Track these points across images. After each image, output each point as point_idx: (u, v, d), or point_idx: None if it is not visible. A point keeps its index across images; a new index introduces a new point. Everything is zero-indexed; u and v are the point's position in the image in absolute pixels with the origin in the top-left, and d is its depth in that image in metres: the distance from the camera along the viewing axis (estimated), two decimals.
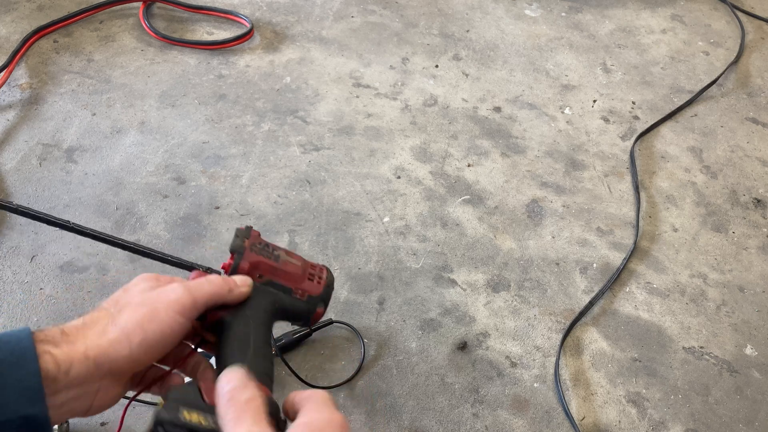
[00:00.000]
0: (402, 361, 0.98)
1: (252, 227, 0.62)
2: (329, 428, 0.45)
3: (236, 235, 0.61)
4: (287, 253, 0.62)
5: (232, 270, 0.59)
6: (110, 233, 0.59)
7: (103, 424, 0.88)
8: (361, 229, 1.16)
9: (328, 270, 0.64)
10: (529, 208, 1.24)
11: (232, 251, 0.59)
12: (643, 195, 1.29)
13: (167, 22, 1.55)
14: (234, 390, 0.46)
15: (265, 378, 0.52)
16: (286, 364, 0.93)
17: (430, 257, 1.13)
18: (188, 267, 0.62)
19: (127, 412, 0.89)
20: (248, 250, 0.59)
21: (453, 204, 1.23)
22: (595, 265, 1.16)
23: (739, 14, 1.80)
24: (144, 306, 0.50)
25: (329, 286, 0.63)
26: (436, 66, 1.53)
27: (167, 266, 0.69)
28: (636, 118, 1.46)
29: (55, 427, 0.82)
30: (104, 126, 1.29)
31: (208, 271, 0.62)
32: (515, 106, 1.45)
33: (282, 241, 1.12)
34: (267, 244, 0.61)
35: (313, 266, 0.63)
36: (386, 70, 1.50)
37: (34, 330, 0.46)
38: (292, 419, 0.47)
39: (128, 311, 0.50)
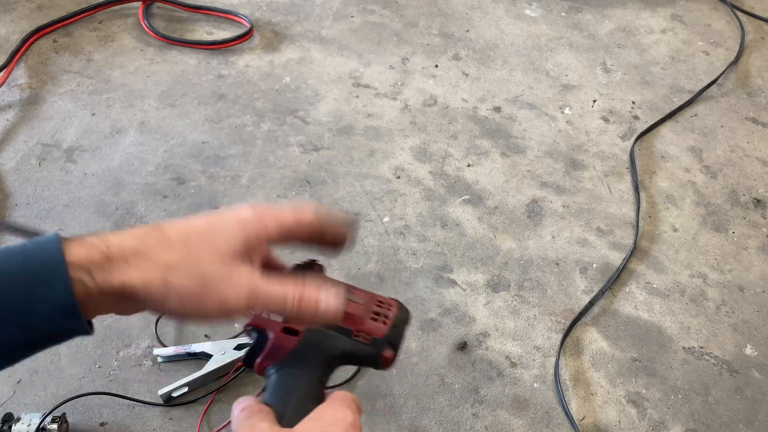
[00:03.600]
0: (402, 362, 0.98)
1: (316, 261, 0.56)
2: (337, 426, 0.45)
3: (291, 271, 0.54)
4: (349, 289, 0.55)
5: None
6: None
7: (102, 424, 0.88)
8: (361, 229, 1.16)
9: (399, 306, 0.56)
10: (529, 208, 1.24)
11: None
12: (643, 195, 1.29)
13: (167, 22, 1.55)
14: (246, 406, 0.47)
15: None
16: None
17: (430, 257, 1.12)
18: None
19: (128, 413, 0.89)
20: None
21: (453, 204, 1.23)
22: (595, 265, 1.16)
23: (739, 14, 1.80)
24: (197, 279, 0.43)
25: (397, 326, 0.54)
26: (436, 66, 1.53)
27: None
28: (636, 118, 1.46)
29: (54, 426, 0.82)
30: (104, 126, 1.29)
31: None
32: (515, 106, 1.45)
33: None
34: (327, 280, 0.55)
35: (380, 303, 0.55)
36: (386, 70, 1.50)
37: (66, 239, 0.41)
38: None
39: (177, 270, 0.43)
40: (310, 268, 0.55)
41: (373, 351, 0.53)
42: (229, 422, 0.49)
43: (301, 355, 0.51)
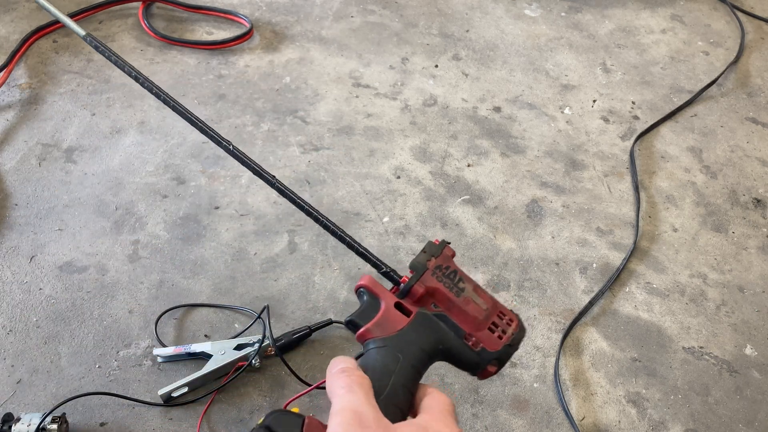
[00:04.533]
0: None
1: (448, 243, 0.54)
2: None
3: (423, 250, 0.53)
4: (475, 289, 0.53)
5: (403, 291, 0.51)
6: (110, 233, 0.55)
7: (102, 424, 0.88)
8: (361, 229, 1.16)
9: (519, 324, 0.53)
10: (528, 208, 1.24)
11: (411, 268, 0.51)
12: (642, 195, 1.29)
13: (167, 22, 1.55)
14: (347, 368, 0.44)
15: None
16: (286, 364, 0.92)
17: None
18: (374, 264, 0.54)
19: (128, 413, 0.89)
20: (429, 272, 0.51)
21: (453, 204, 1.23)
22: (594, 265, 1.15)
23: (739, 14, 1.80)
24: None
25: (511, 346, 0.52)
26: (436, 66, 1.53)
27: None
28: (636, 118, 1.46)
29: (54, 426, 0.82)
30: (104, 126, 1.29)
31: (389, 274, 0.53)
32: (515, 106, 1.45)
33: (281, 242, 1.12)
34: (455, 272, 0.52)
35: (501, 314, 0.53)
36: (386, 70, 1.50)
37: None
38: (407, 413, 0.44)
39: None
40: (443, 248, 0.54)
41: (478, 360, 0.51)
42: (321, 383, 0.45)
43: (407, 339, 0.49)
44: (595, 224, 1.22)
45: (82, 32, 0.58)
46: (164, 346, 0.96)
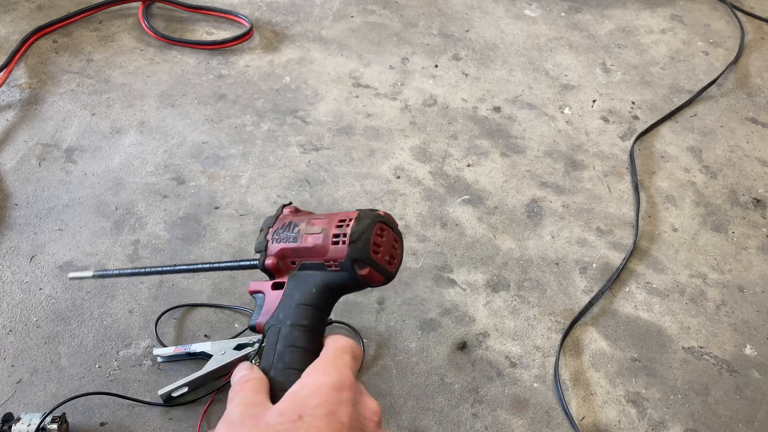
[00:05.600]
0: (402, 361, 0.98)
1: (287, 204, 0.55)
2: (313, 398, 0.43)
3: (261, 228, 0.55)
4: (309, 222, 0.52)
5: (264, 273, 0.54)
6: (110, 233, 0.57)
7: (102, 424, 0.88)
8: None
9: (357, 217, 0.51)
10: (528, 208, 1.24)
11: (256, 250, 0.54)
12: (642, 195, 1.29)
13: (167, 22, 1.55)
14: (241, 376, 0.48)
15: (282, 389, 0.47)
16: None
17: (430, 257, 1.12)
18: (237, 268, 0.60)
19: (128, 413, 0.89)
20: (270, 243, 0.53)
21: (452, 204, 1.23)
22: (594, 265, 1.16)
23: (739, 14, 1.80)
24: None
25: (357, 241, 0.50)
26: (436, 66, 1.53)
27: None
28: (635, 118, 1.46)
29: (54, 426, 0.82)
30: (104, 126, 1.29)
31: (252, 265, 0.56)
32: (515, 106, 1.45)
33: None
34: (290, 223, 0.53)
35: (340, 222, 0.51)
36: (386, 70, 1.50)
37: None
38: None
39: None
40: (279, 214, 0.57)
41: (347, 274, 0.51)
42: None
43: (285, 306, 0.51)
44: (594, 224, 1.22)
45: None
46: (164, 346, 0.96)
